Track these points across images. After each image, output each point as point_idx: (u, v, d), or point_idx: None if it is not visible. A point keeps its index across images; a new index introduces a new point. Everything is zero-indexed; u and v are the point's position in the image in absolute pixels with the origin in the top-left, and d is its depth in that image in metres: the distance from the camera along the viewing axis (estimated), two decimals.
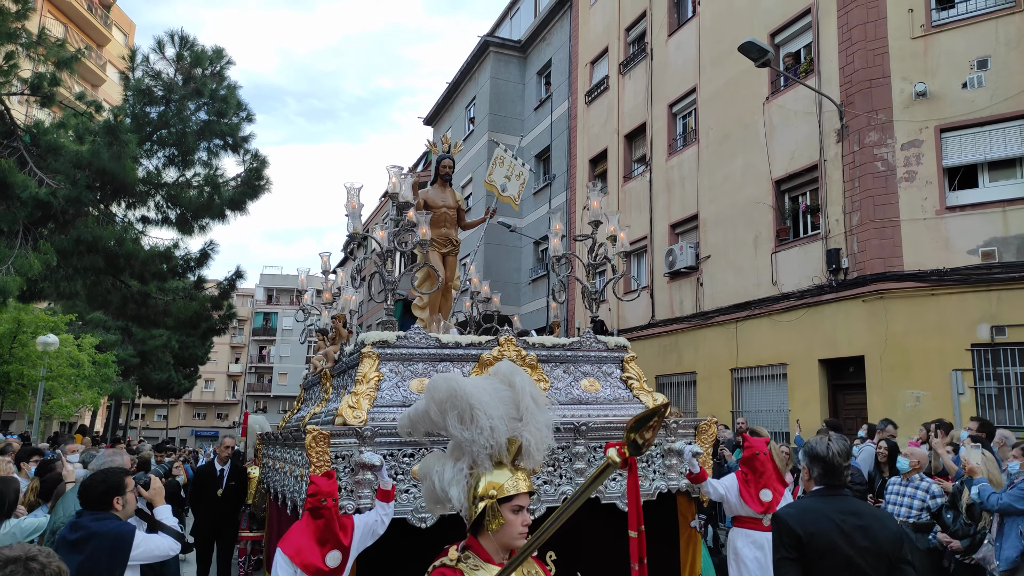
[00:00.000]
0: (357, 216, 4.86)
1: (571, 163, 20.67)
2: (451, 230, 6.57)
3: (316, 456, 3.75)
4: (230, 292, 14.54)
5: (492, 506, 2.22)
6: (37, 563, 1.73)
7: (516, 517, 2.23)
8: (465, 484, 2.28)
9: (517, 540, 2.23)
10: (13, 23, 10.24)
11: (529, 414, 2.30)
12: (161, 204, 12.07)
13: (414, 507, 3.94)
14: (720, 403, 13.80)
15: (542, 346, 4.93)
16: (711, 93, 15.11)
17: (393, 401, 4.31)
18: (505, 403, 2.31)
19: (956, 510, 6.04)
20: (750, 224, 13.65)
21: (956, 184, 10.91)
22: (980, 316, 10.21)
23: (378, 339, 4.51)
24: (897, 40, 11.35)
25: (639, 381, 5.17)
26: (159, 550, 3.80)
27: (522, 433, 2.28)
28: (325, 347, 6.50)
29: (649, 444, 2.12)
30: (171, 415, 56.94)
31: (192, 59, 11.51)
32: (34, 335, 18.08)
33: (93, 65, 30.84)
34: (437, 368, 4.58)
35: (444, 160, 6.63)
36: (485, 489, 2.23)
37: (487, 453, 2.25)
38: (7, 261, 9.26)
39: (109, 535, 3.49)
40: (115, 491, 3.67)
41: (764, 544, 5.10)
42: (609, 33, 19.43)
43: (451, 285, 6.65)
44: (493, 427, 2.24)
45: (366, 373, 4.35)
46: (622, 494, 4.51)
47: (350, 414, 4.07)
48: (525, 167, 7.67)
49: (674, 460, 4.71)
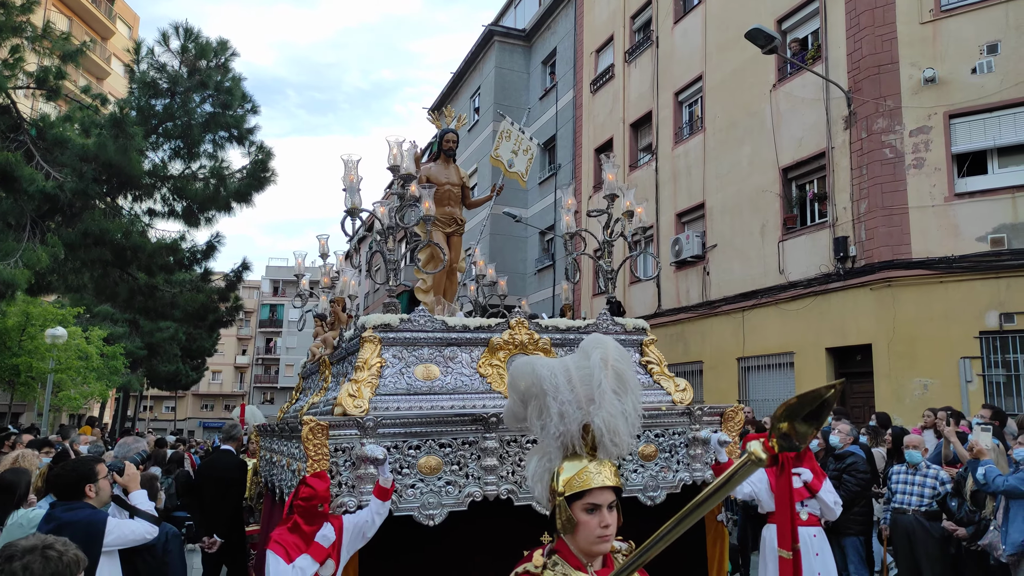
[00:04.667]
0: (355, 190, 4.42)
1: (576, 152, 20.60)
2: (455, 208, 6.12)
3: (314, 449, 3.47)
4: (236, 284, 14.59)
5: (561, 504, 1.95)
6: (54, 551, 1.79)
7: (591, 518, 1.92)
8: (547, 478, 2.03)
9: (596, 545, 1.93)
10: (18, 17, 10.24)
11: (602, 395, 1.99)
12: (167, 196, 12.10)
13: (421, 503, 3.65)
14: (727, 392, 13.79)
15: (556, 329, 4.54)
16: (717, 81, 15.02)
17: (397, 389, 4.01)
18: (586, 383, 2.02)
19: (960, 497, 6.03)
20: (757, 212, 13.59)
21: (965, 171, 10.84)
22: (989, 303, 10.16)
23: (380, 322, 4.14)
24: (905, 25, 11.24)
25: (659, 366, 4.79)
26: (134, 535, 3.75)
27: (593, 419, 1.98)
28: (323, 333, 6.08)
29: (810, 437, 1.67)
30: (179, 407, 57.26)
31: (197, 51, 11.48)
32: (42, 328, 18.21)
33: (98, 58, 30.85)
34: (443, 353, 4.25)
35: (447, 134, 6.13)
36: (557, 484, 1.98)
37: (559, 442, 2.00)
38: (15, 255, 9.30)
39: (81, 523, 3.46)
40: (86, 479, 3.65)
41: (806, 539, 4.73)
42: (614, 21, 19.31)
43: (456, 267, 6.23)
44: (563, 412, 1.98)
45: (367, 359, 4.02)
46: (644, 486, 4.18)
47: (350, 403, 3.77)
48: (533, 141, 7.17)
49: (699, 450, 4.35)
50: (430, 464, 3.68)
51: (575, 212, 5.40)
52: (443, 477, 3.70)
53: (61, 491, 3.66)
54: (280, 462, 4.50)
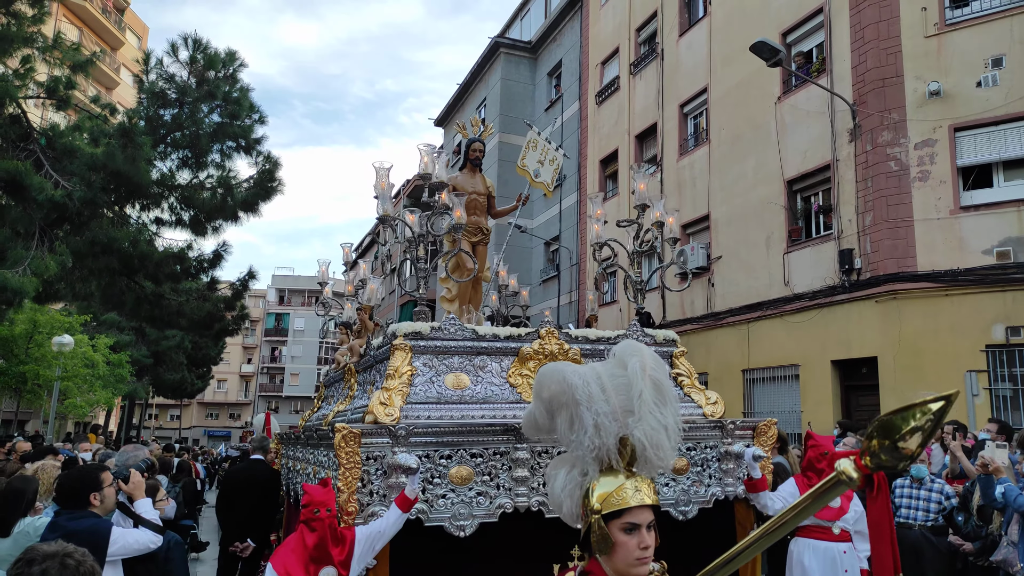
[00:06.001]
0: (388, 197, 4.43)
1: (582, 164, 20.65)
2: (481, 218, 6.11)
3: (346, 457, 3.43)
4: (243, 293, 14.64)
5: (597, 523, 1.81)
6: (73, 560, 1.83)
7: (630, 538, 1.78)
8: (578, 494, 1.90)
9: (634, 568, 1.79)
10: (29, 28, 10.35)
11: (643, 406, 1.86)
12: (175, 206, 12.16)
13: (452, 513, 3.60)
14: (732, 405, 13.73)
15: (586, 339, 4.50)
16: (722, 93, 15.06)
17: (427, 398, 4.00)
18: (621, 393, 1.90)
19: (967, 512, 5.99)
20: (762, 224, 13.59)
21: (970, 184, 10.83)
22: (995, 317, 10.13)
23: (411, 330, 4.13)
24: (910, 39, 11.27)
25: (690, 378, 4.76)
26: (138, 544, 3.73)
27: (633, 431, 1.85)
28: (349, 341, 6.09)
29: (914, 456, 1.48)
30: (184, 415, 57.34)
31: (205, 62, 11.58)
32: (49, 336, 18.27)
33: (107, 68, 31.13)
34: (473, 362, 4.23)
35: (474, 143, 6.13)
36: (593, 502, 1.84)
37: (593, 457, 1.87)
38: (23, 263, 9.35)
39: (85, 533, 3.41)
40: (91, 487, 3.63)
41: (835, 556, 4.59)
42: (620, 33, 19.41)
43: (481, 276, 6.22)
44: (598, 424, 1.85)
45: (398, 367, 3.99)
46: (676, 500, 4.09)
47: (381, 411, 3.73)
48: (559, 151, 7.15)
49: (731, 464, 4.32)
50: (461, 474, 3.66)
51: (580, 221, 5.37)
52: (474, 488, 3.68)
53: (65, 500, 3.64)
54: (305, 470, 4.46)
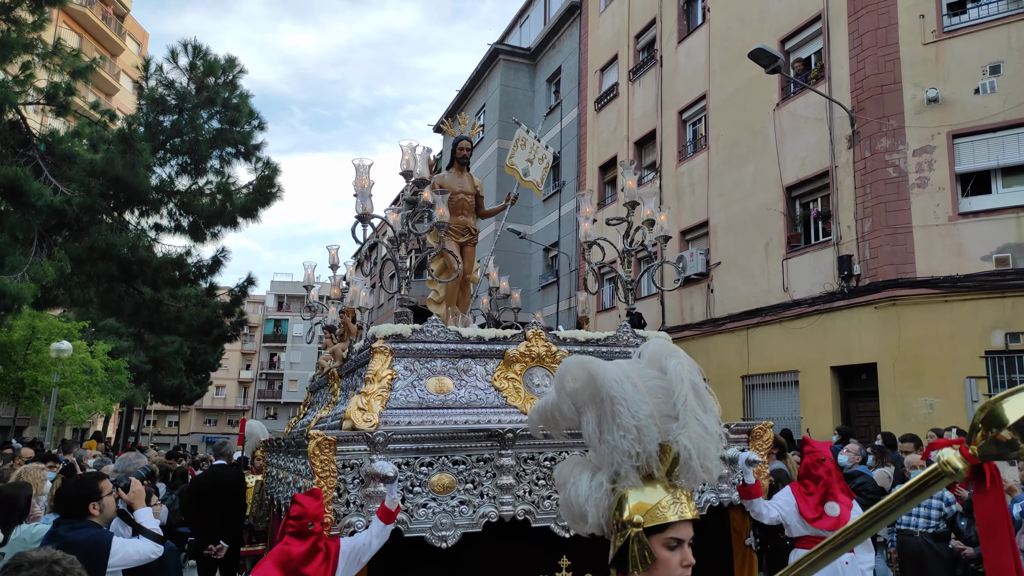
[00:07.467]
0: (367, 196, 4.28)
1: (581, 170, 20.69)
2: (469, 218, 5.97)
3: (320, 465, 3.28)
4: (241, 299, 14.63)
5: (638, 537, 1.65)
6: (60, 567, 1.81)
7: (672, 555, 1.65)
8: (606, 503, 1.74)
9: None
10: (30, 34, 10.37)
11: (688, 411, 1.71)
12: (174, 212, 12.18)
13: (433, 523, 3.45)
14: (731, 411, 13.73)
15: (574, 341, 4.37)
16: (721, 99, 15.10)
17: (408, 403, 3.85)
18: (656, 396, 1.75)
19: (971, 517, 5.99)
20: (761, 231, 13.61)
21: (969, 190, 10.85)
22: (994, 323, 10.13)
23: (391, 332, 3.98)
24: (908, 46, 11.31)
25: None
26: (139, 554, 3.68)
27: (678, 438, 1.69)
28: (333, 345, 5.93)
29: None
30: (182, 421, 57.18)
31: (205, 68, 11.62)
32: (48, 341, 18.24)
33: (107, 75, 31.17)
34: (457, 365, 4.07)
35: (461, 142, 5.95)
36: (631, 513, 1.67)
37: (632, 464, 1.69)
38: (22, 268, 9.35)
39: (85, 543, 3.36)
40: (90, 497, 3.59)
41: (837, 567, 4.41)
42: (619, 40, 19.47)
43: (469, 278, 6.06)
44: (640, 427, 1.68)
45: (377, 371, 3.86)
46: None
47: (359, 417, 3.58)
48: (549, 150, 6.96)
49: (726, 469, 4.11)
50: (443, 482, 3.51)
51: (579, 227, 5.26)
52: (456, 496, 3.52)
53: (65, 509, 3.60)
54: (286, 479, 4.32)
